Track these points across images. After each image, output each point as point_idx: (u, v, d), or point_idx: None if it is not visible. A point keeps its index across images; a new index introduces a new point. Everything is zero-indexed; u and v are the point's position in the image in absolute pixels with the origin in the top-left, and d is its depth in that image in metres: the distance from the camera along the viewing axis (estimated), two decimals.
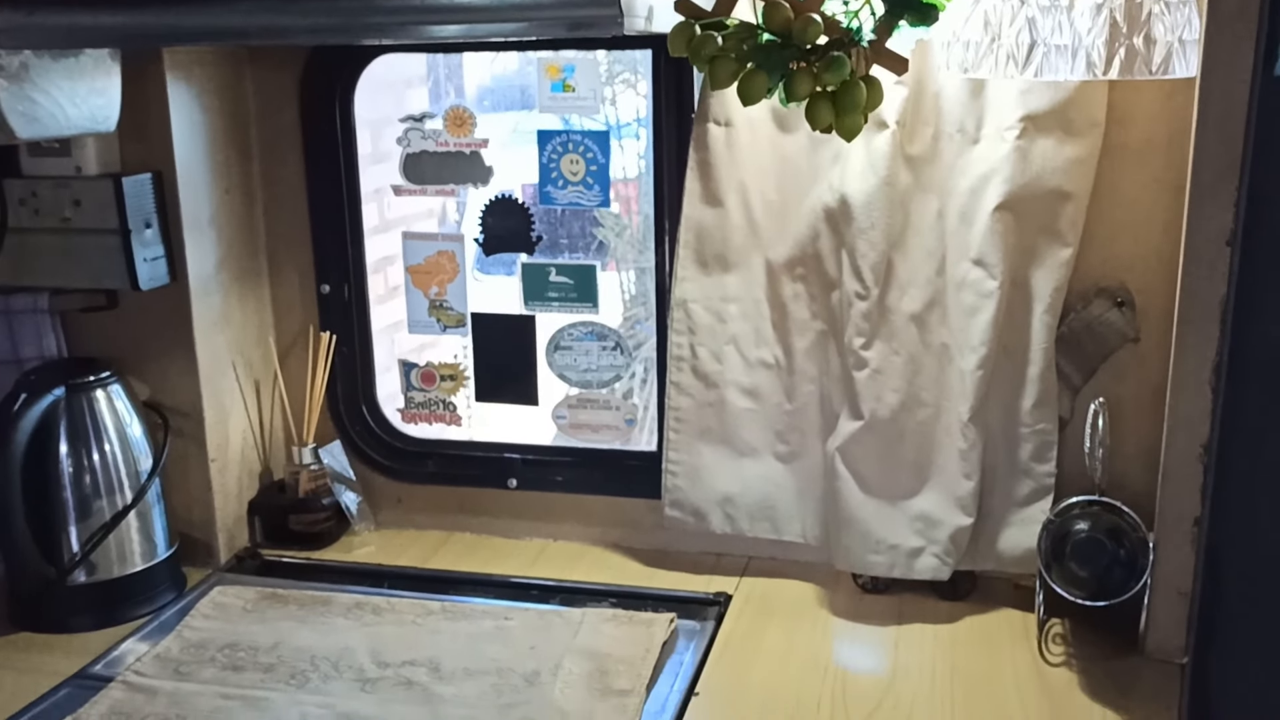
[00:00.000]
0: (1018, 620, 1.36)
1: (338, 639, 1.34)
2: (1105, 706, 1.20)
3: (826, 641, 1.36)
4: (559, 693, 1.23)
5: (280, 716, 1.20)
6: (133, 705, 1.21)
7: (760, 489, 1.46)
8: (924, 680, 1.26)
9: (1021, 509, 1.37)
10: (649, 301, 1.57)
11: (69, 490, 1.38)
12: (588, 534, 1.59)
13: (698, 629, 1.38)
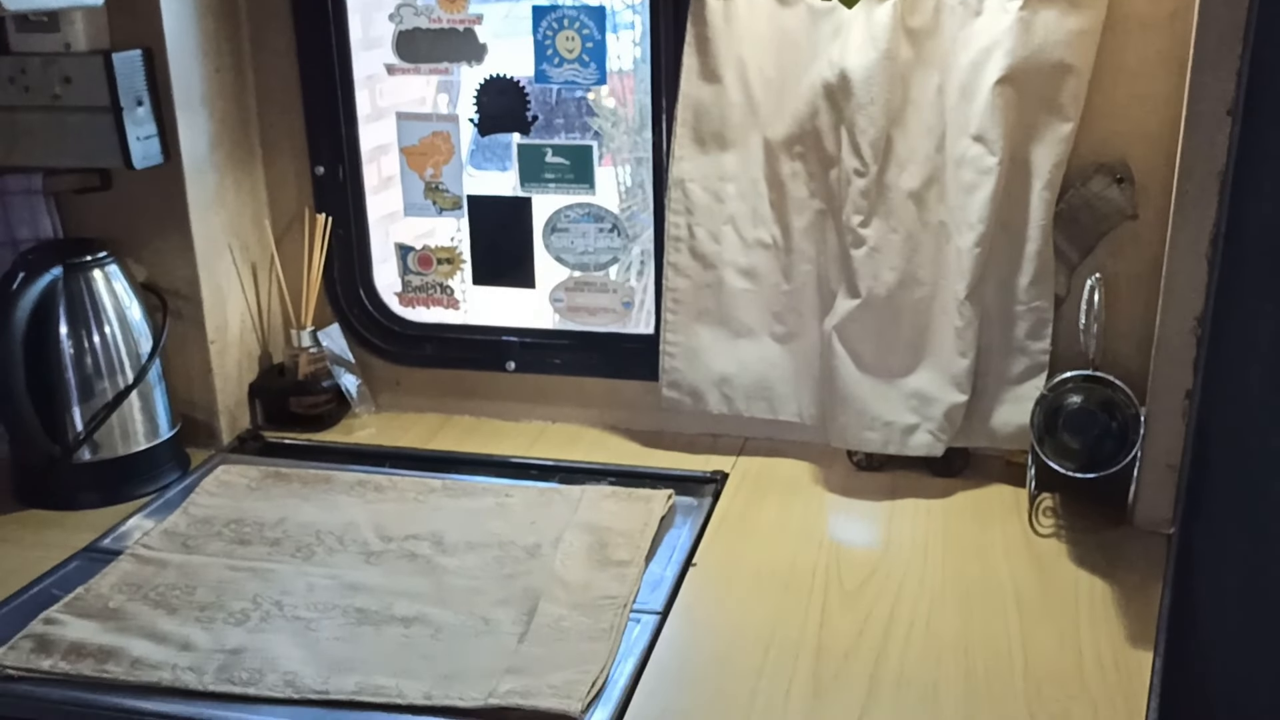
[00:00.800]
0: (1009, 495, 1.39)
1: (341, 515, 1.37)
2: (1092, 574, 1.22)
3: (821, 516, 1.38)
4: (559, 564, 1.25)
5: (287, 587, 1.22)
6: (142, 576, 1.24)
7: (757, 369, 1.47)
8: (916, 551, 1.29)
9: (1016, 386, 1.38)
10: (645, 193, 1.56)
11: (70, 371, 1.39)
12: (586, 416, 1.61)
13: (695, 505, 1.40)
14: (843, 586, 1.22)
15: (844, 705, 1.04)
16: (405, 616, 1.17)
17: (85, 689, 1.07)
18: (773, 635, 1.14)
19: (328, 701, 1.04)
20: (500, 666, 1.08)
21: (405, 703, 1.04)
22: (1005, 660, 1.09)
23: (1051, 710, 1.03)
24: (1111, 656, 1.09)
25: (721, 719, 1.04)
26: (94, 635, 1.13)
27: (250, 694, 1.05)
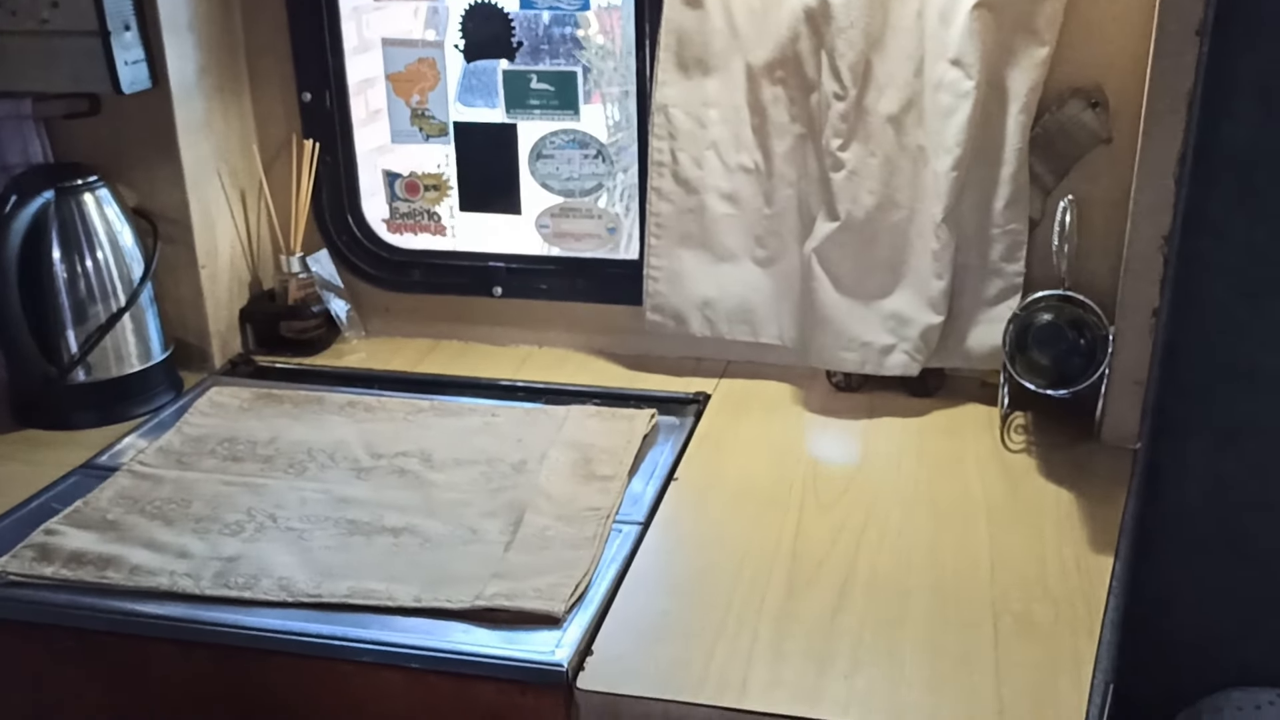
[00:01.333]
0: (982, 414, 1.43)
1: (332, 433, 1.40)
2: (1060, 486, 1.27)
3: (800, 434, 1.42)
4: (544, 478, 1.29)
5: (280, 501, 1.26)
6: (139, 491, 1.28)
7: (739, 293, 1.50)
8: (890, 466, 1.33)
9: (990, 308, 1.42)
10: (632, 126, 1.57)
11: (64, 295, 1.42)
12: (572, 340, 1.64)
13: (677, 424, 1.44)
14: (819, 499, 1.26)
15: (817, 606, 1.08)
16: (395, 527, 1.21)
17: (86, 593, 1.11)
18: (750, 544, 1.18)
19: (320, 604, 1.09)
20: (487, 572, 1.12)
21: (395, 605, 1.08)
22: (973, 565, 1.14)
23: (1015, 610, 1.07)
24: (1074, 561, 1.14)
25: (699, 621, 1.08)
26: (93, 545, 1.17)
27: (246, 597, 1.09)
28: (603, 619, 1.08)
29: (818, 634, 1.05)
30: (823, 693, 0.98)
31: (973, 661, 1.01)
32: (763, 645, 1.04)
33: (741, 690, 0.98)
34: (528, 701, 1.01)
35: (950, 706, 0.96)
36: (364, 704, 1.05)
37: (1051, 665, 1.00)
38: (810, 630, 1.05)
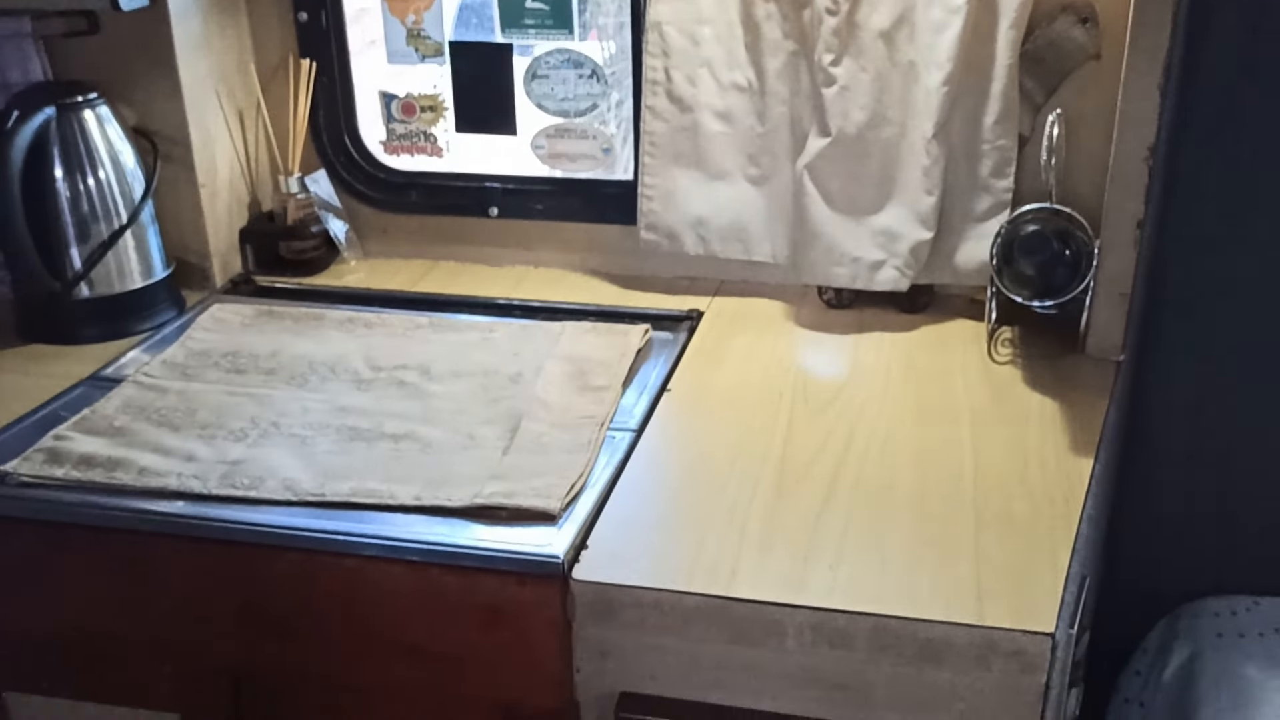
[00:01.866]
0: (970, 329, 1.46)
1: (333, 348, 1.43)
2: (1044, 394, 1.30)
3: (791, 348, 1.45)
4: (541, 389, 1.32)
5: (283, 409, 1.29)
6: (145, 400, 1.31)
7: (732, 211, 1.52)
8: (878, 377, 1.36)
9: (979, 224, 1.44)
10: (628, 59, 1.58)
11: (67, 213, 1.44)
12: (567, 260, 1.66)
13: (671, 339, 1.47)
14: (808, 407, 1.29)
15: (804, 505, 1.12)
16: (395, 434, 1.24)
17: (97, 493, 1.14)
18: (740, 448, 1.22)
19: (324, 503, 1.12)
20: (485, 474, 1.16)
21: (396, 503, 1.12)
22: (956, 466, 1.17)
23: (996, 507, 1.11)
24: (1055, 463, 1.17)
25: (690, 517, 1.11)
26: (102, 449, 1.20)
27: (252, 496, 1.13)
28: (597, 516, 1.11)
29: (804, 528, 1.08)
30: (808, 581, 1.02)
31: (954, 552, 1.05)
32: (751, 539, 1.07)
33: (730, 579, 1.02)
34: (525, 592, 1.05)
35: (931, 592, 1.00)
36: (367, 596, 1.09)
37: (1029, 556, 1.04)
38: (797, 525, 1.09)
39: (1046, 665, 0.95)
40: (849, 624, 0.98)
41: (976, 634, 0.96)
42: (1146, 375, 1.53)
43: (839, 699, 1.03)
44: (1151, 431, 1.57)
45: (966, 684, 0.98)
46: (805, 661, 1.02)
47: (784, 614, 0.99)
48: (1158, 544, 1.62)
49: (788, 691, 1.04)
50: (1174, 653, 1.50)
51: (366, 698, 1.14)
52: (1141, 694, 1.53)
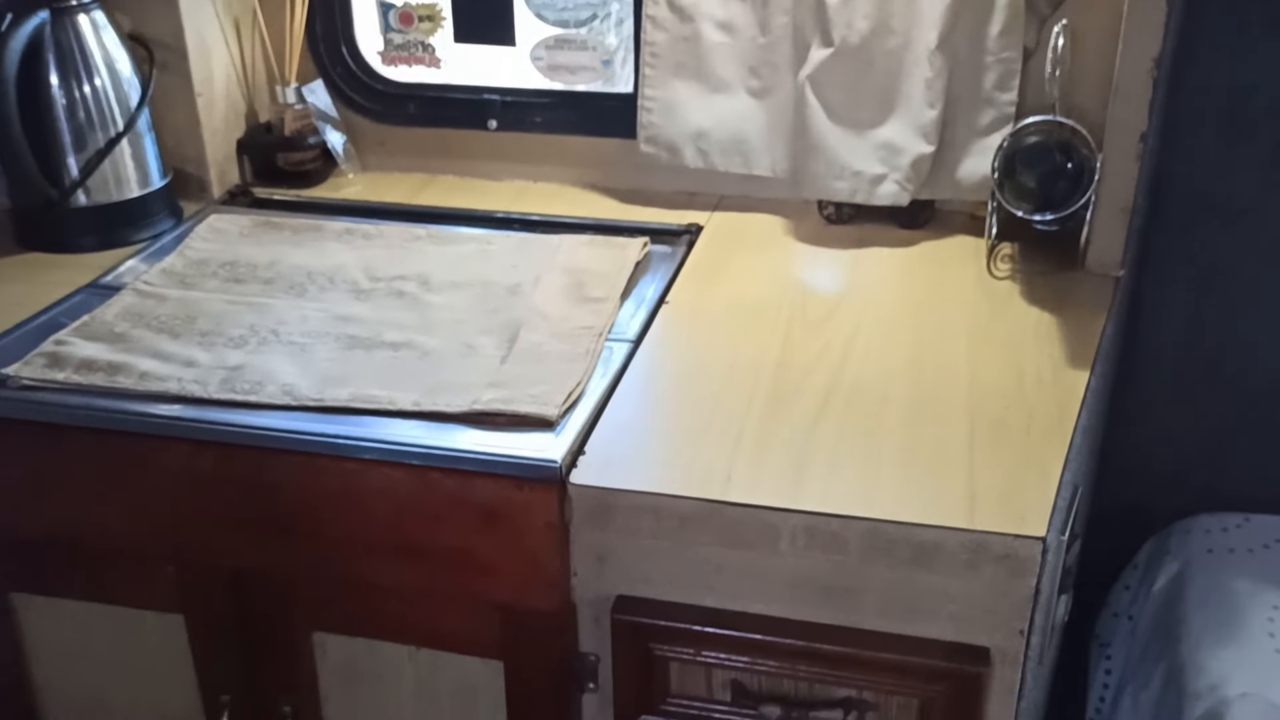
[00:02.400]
0: (970, 245, 1.45)
1: (331, 258, 1.43)
2: (1042, 309, 1.30)
3: (790, 263, 1.45)
4: (539, 300, 1.32)
5: (282, 318, 1.29)
6: (144, 308, 1.31)
7: (732, 124, 1.51)
8: (877, 290, 1.36)
9: (982, 138, 1.43)
10: None
11: (63, 120, 1.43)
12: (566, 175, 1.65)
13: (669, 253, 1.46)
14: (806, 318, 1.30)
15: (800, 412, 1.13)
16: (394, 342, 1.25)
17: (98, 396, 1.15)
18: (737, 358, 1.22)
19: (323, 408, 1.13)
20: (483, 381, 1.16)
21: (395, 409, 1.12)
22: (952, 377, 1.18)
23: (990, 416, 1.11)
24: (1051, 375, 1.18)
25: (686, 425, 1.12)
26: (102, 354, 1.20)
27: (252, 401, 1.14)
28: (594, 424, 1.12)
29: (800, 437, 1.09)
30: (802, 487, 1.03)
31: (947, 460, 1.06)
32: (747, 446, 1.08)
33: (725, 484, 1.03)
34: (523, 496, 1.06)
35: (923, 498, 1.01)
36: (367, 499, 1.10)
37: (1022, 465, 1.05)
38: (793, 433, 1.10)
39: (1037, 569, 0.96)
40: (842, 528, 1.00)
41: (968, 538, 0.97)
42: (1144, 292, 1.53)
43: (831, 602, 1.04)
44: (1147, 348, 1.58)
45: (957, 587, 1.00)
46: (798, 565, 1.03)
47: (778, 518, 1.01)
48: (1150, 461, 1.63)
49: (780, 595, 1.05)
50: (1163, 568, 1.52)
51: (367, 597, 1.16)
52: (1130, 608, 1.55)
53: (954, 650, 1.02)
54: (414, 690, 1.20)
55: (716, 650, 1.08)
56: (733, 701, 1.11)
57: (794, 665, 1.07)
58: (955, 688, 1.02)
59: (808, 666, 1.06)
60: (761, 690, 1.09)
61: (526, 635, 1.13)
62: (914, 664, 1.03)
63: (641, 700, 1.13)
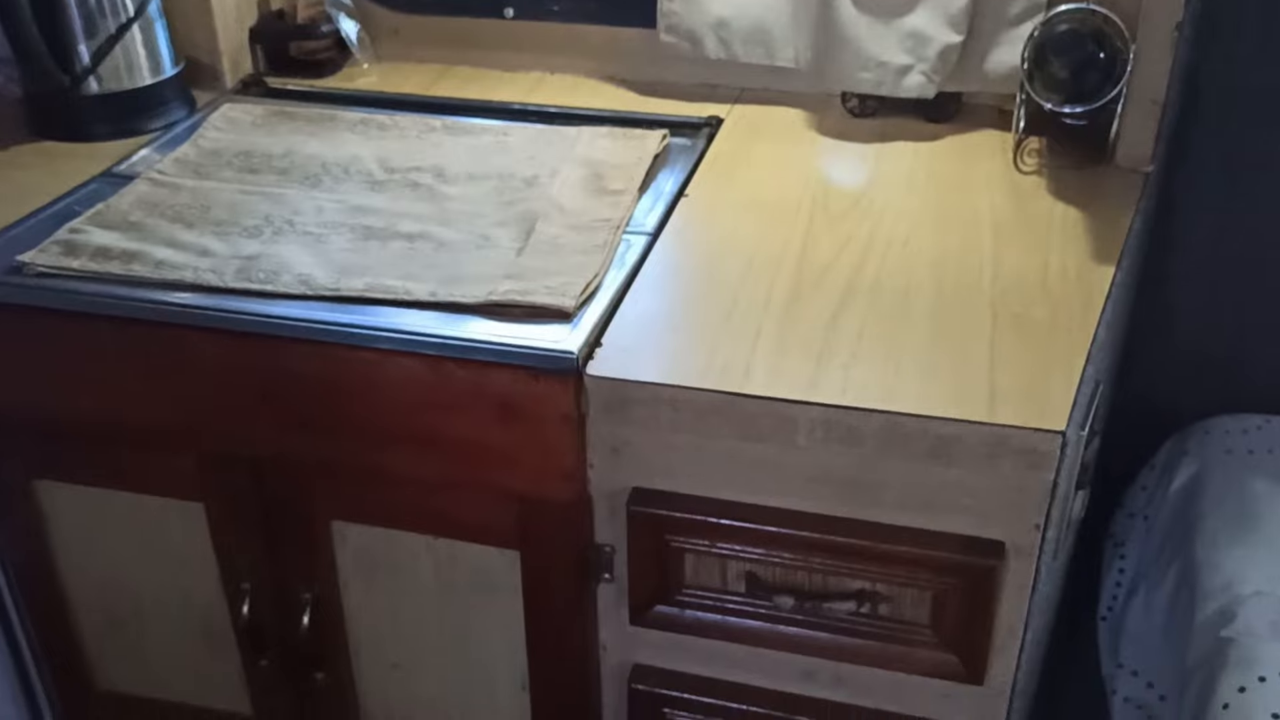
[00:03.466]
0: (996, 139, 1.42)
1: (346, 149, 1.41)
2: (1068, 204, 1.28)
3: (812, 156, 1.42)
4: (556, 192, 1.30)
5: (297, 209, 1.28)
6: (158, 197, 1.30)
7: (755, 12, 1.47)
8: (900, 184, 1.34)
9: (1011, 28, 1.39)
10: None
11: (74, 7, 1.40)
12: (584, 66, 1.61)
13: (689, 146, 1.44)
14: (828, 212, 1.28)
15: (819, 308, 1.12)
16: (409, 233, 1.23)
17: (114, 285, 1.14)
18: (757, 252, 1.21)
19: (339, 298, 1.12)
20: (500, 273, 1.15)
21: (411, 299, 1.12)
22: (975, 272, 1.16)
23: (1014, 311, 1.10)
24: (1075, 271, 1.16)
25: (705, 318, 1.11)
26: (117, 242, 1.20)
27: (268, 290, 1.13)
28: (611, 316, 1.11)
29: (819, 330, 1.08)
30: (821, 380, 1.02)
31: (968, 354, 1.04)
32: (766, 340, 1.07)
33: (744, 377, 1.03)
34: (539, 388, 1.06)
35: (943, 392, 1.00)
36: (383, 390, 1.10)
37: (1045, 360, 1.04)
38: (812, 327, 1.09)
39: (1055, 463, 0.96)
40: (860, 421, 0.99)
41: (988, 431, 0.96)
42: (1174, 189, 1.50)
43: (847, 496, 1.04)
44: (1173, 248, 1.55)
45: (974, 482, 1.00)
46: (815, 459, 1.03)
47: (796, 410, 1.00)
48: (1172, 362, 1.62)
49: (797, 488, 1.05)
50: (1181, 468, 1.52)
51: (385, 487, 1.17)
52: (1146, 508, 1.55)
53: (969, 544, 1.02)
54: (432, 579, 1.22)
55: (732, 542, 1.09)
56: (747, 592, 1.12)
57: (808, 557, 1.07)
58: (969, 581, 1.03)
59: (822, 558, 1.07)
60: (776, 581, 1.10)
61: (543, 526, 1.14)
62: (928, 557, 1.03)
63: (656, 591, 1.14)
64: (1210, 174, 1.51)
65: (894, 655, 1.09)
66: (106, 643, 1.38)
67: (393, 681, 1.29)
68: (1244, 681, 1.19)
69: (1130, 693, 1.39)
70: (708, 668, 1.18)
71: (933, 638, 1.07)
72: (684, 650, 1.18)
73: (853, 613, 1.09)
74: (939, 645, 1.07)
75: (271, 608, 1.27)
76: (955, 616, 1.05)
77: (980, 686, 1.09)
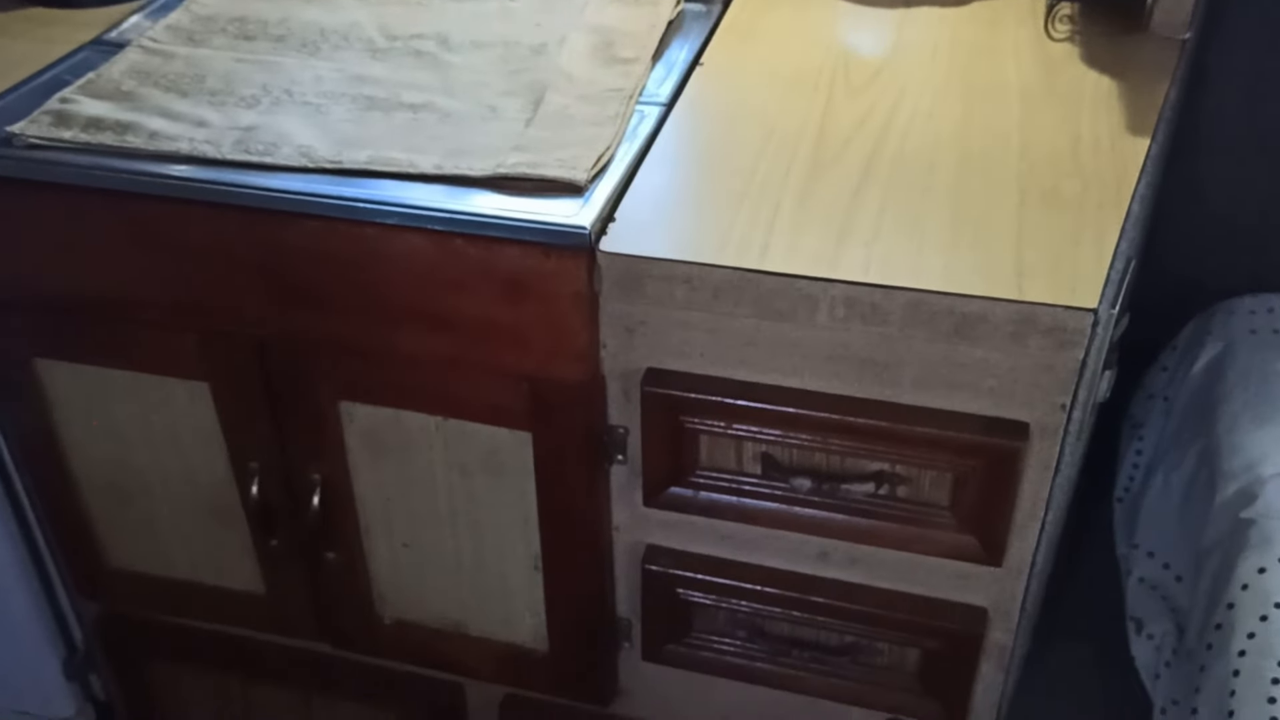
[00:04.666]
0: (1026, 6, 1.35)
1: (345, 15, 1.35)
2: (1101, 72, 1.22)
3: (833, 25, 1.36)
4: (565, 60, 1.25)
5: (295, 78, 1.23)
6: (151, 65, 1.24)
7: None
8: (925, 53, 1.28)
9: None
10: None
11: None
12: None
13: (704, 12, 1.37)
14: (849, 83, 1.22)
15: (841, 181, 1.07)
16: (413, 104, 1.18)
17: (108, 156, 1.10)
18: (775, 123, 1.16)
19: (341, 170, 1.08)
20: (507, 145, 1.11)
21: (416, 172, 1.07)
22: (1003, 144, 1.11)
23: (1043, 185, 1.06)
24: (1109, 142, 1.11)
25: (721, 192, 1.07)
26: (110, 112, 1.15)
27: (267, 162, 1.09)
28: (624, 191, 1.07)
29: (840, 205, 1.04)
30: (842, 257, 0.98)
31: (995, 229, 1.01)
32: (785, 215, 1.04)
33: (762, 253, 0.99)
34: (550, 264, 1.02)
35: (969, 267, 0.96)
36: (389, 266, 1.07)
37: (1075, 234, 1.00)
38: (833, 202, 1.05)
39: (1085, 342, 0.93)
40: (884, 299, 0.96)
41: (1015, 309, 0.93)
42: (1209, 57, 1.44)
43: (868, 375, 1.02)
44: (1204, 121, 1.49)
45: (999, 361, 0.97)
46: (835, 338, 1.00)
47: (817, 289, 0.97)
48: (1197, 240, 1.58)
49: (815, 368, 1.03)
50: (1204, 349, 1.49)
51: (392, 367, 1.14)
52: (1166, 389, 1.53)
53: (992, 425, 1.00)
54: (442, 461, 1.20)
55: (748, 423, 1.07)
56: (763, 474, 1.10)
57: (826, 439, 1.05)
58: (991, 462, 1.01)
59: (840, 440, 1.05)
60: (792, 463, 1.09)
61: (555, 407, 1.12)
62: (950, 438, 1.01)
63: (670, 472, 1.12)
64: (1247, 41, 1.45)
65: (911, 537, 1.08)
66: (116, 521, 1.37)
67: (404, 561, 1.29)
68: (1264, 562, 1.18)
69: (1145, 573, 1.38)
70: (721, 549, 1.17)
71: (951, 519, 1.06)
72: (698, 531, 1.16)
73: (870, 495, 1.07)
74: (958, 527, 1.06)
75: (280, 488, 1.26)
76: (975, 498, 1.04)
77: (998, 568, 1.08)
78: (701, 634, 1.23)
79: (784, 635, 1.20)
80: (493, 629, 1.30)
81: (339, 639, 1.38)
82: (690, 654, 1.25)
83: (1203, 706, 1.15)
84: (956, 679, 1.16)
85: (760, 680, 1.24)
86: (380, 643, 1.36)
